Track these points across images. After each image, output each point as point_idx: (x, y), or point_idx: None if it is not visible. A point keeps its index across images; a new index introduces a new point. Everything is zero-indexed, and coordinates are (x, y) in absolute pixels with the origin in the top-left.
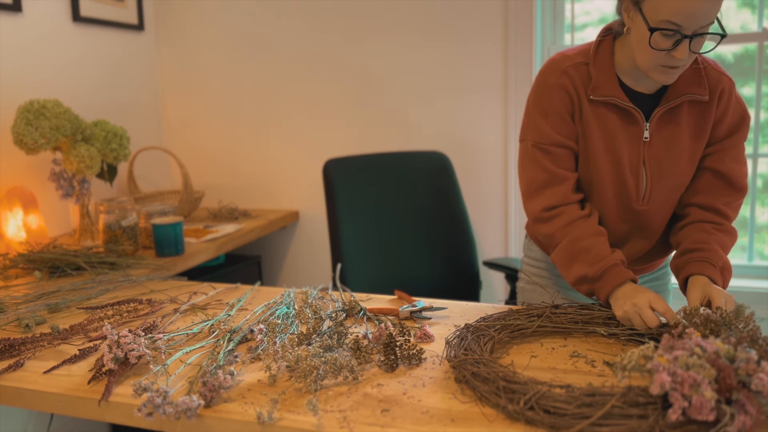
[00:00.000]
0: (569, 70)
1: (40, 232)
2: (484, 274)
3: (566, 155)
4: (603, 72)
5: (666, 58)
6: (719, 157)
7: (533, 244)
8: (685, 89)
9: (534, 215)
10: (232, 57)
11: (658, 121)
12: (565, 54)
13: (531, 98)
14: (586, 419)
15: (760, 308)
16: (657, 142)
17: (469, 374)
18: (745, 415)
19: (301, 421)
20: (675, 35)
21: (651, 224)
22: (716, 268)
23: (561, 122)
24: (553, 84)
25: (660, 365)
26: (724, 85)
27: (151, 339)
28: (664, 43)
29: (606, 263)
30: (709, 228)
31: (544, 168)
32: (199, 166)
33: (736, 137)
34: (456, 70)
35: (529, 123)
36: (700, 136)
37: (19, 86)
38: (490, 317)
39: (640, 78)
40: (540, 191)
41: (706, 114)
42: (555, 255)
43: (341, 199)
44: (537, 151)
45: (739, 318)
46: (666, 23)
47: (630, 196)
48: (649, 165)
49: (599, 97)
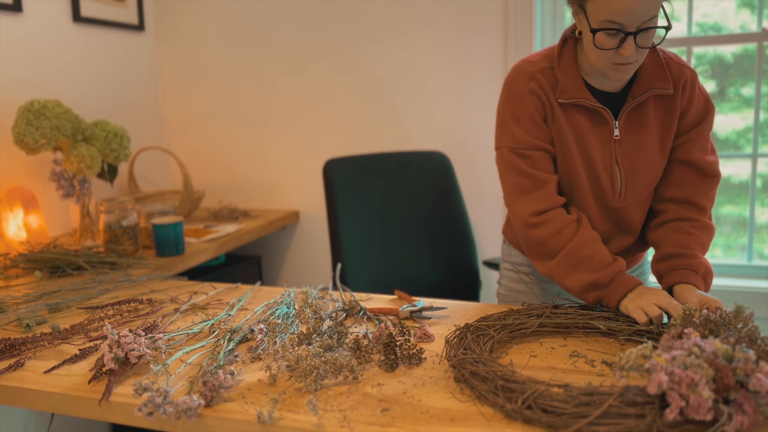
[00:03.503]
0: (536, 75)
1: (41, 232)
2: (484, 274)
3: (544, 158)
4: (568, 75)
5: (615, 56)
6: (687, 148)
7: (513, 248)
8: (649, 84)
9: (522, 220)
10: (233, 57)
11: (627, 118)
12: (529, 60)
13: (501, 106)
14: (584, 418)
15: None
16: (627, 139)
17: (468, 373)
18: (742, 415)
19: (301, 420)
20: (618, 34)
21: (630, 220)
22: (699, 275)
23: (534, 126)
24: (522, 90)
25: (658, 365)
26: (686, 77)
27: (152, 339)
28: (609, 43)
29: (614, 269)
30: (688, 227)
31: (525, 172)
32: (200, 166)
33: (702, 127)
34: (456, 70)
35: (502, 130)
36: (668, 129)
37: (20, 86)
38: (489, 317)
39: (605, 78)
40: (525, 195)
41: (672, 107)
42: (553, 266)
43: (341, 199)
44: (514, 157)
45: (738, 318)
46: (607, 23)
47: (607, 195)
48: (622, 163)
49: (567, 99)
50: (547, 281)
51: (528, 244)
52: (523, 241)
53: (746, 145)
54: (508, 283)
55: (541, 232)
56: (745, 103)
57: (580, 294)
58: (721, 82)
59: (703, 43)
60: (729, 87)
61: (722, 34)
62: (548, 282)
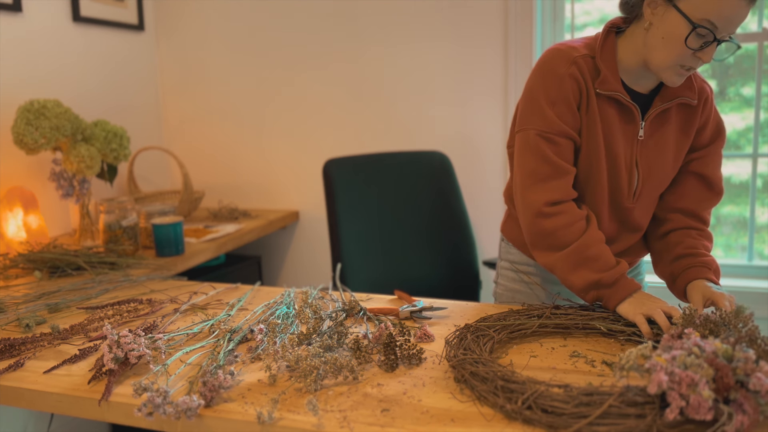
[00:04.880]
0: (579, 60)
1: (40, 232)
2: (484, 274)
3: (569, 147)
4: (609, 67)
5: (689, 59)
6: (704, 162)
7: (511, 246)
8: (678, 92)
9: (536, 208)
10: (233, 57)
11: (653, 121)
12: (571, 45)
13: (536, 87)
14: (584, 418)
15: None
16: (650, 141)
17: (468, 374)
18: (742, 415)
19: (301, 420)
20: (708, 36)
21: (635, 222)
22: (712, 271)
23: (568, 112)
24: (564, 73)
25: (658, 365)
26: (708, 93)
27: (151, 339)
28: (696, 43)
29: (618, 271)
30: (694, 234)
31: (548, 159)
32: (199, 166)
33: (718, 143)
34: (456, 70)
35: (533, 111)
36: (685, 139)
37: (19, 86)
38: (489, 317)
39: (638, 77)
40: (543, 183)
41: (692, 118)
42: (558, 259)
43: (341, 199)
44: (541, 141)
45: (738, 318)
46: (705, 22)
47: (622, 194)
48: (641, 163)
49: (606, 91)
50: (545, 281)
51: (535, 234)
52: (531, 230)
53: (746, 145)
54: (505, 282)
55: (553, 222)
56: (745, 103)
57: (580, 291)
58: (721, 82)
59: None
60: (729, 87)
61: None
62: (547, 282)
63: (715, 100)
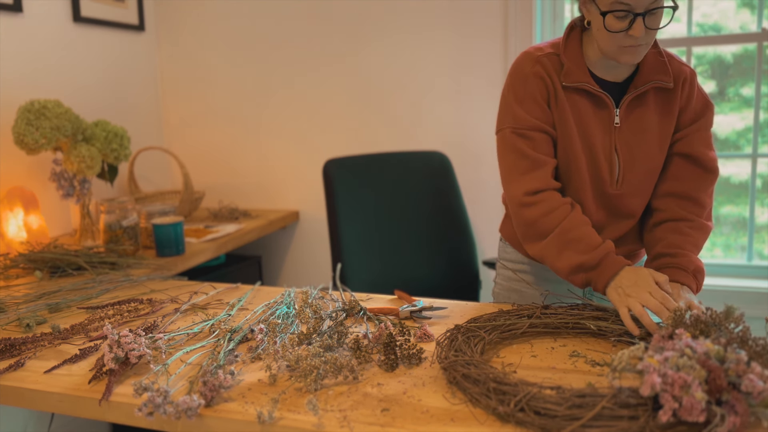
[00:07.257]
0: (542, 59)
1: (41, 232)
2: (484, 274)
3: (544, 140)
4: (573, 61)
5: (625, 39)
6: (689, 141)
7: (509, 246)
8: (651, 76)
9: (516, 199)
10: (233, 57)
11: (627, 107)
12: (537, 46)
13: (506, 89)
14: (577, 420)
15: (760, 308)
16: (627, 127)
17: (460, 376)
18: (735, 416)
19: (301, 420)
20: (627, 15)
21: (626, 207)
22: (689, 273)
23: (537, 107)
24: (528, 72)
25: (650, 366)
26: (686, 75)
27: (152, 339)
28: (618, 25)
29: (602, 251)
30: (683, 228)
31: (524, 154)
32: (200, 166)
33: (702, 122)
34: (456, 70)
35: (505, 112)
36: (667, 122)
37: (20, 86)
38: (480, 318)
39: (608, 68)
40: (521, 176)
41: (672, 101)
42: (543, 247)
43: (341, 199)
44: (516, 137)
45: (728, 319)
46: (615, 4)
47: (604, 181)
48: (621, 150)
49: (571, 83)
50: (540, 279)
51: (520, 225)
52: (516, 222)
53: (746, 145)
54: (503, 282)
55: (533, 211)
56: (744, 103)
57: (569, 276)
58: (721, 82)
59: (702, 43)
60: (729, 87)
61: (722, 34)
62: (541, 280)
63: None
